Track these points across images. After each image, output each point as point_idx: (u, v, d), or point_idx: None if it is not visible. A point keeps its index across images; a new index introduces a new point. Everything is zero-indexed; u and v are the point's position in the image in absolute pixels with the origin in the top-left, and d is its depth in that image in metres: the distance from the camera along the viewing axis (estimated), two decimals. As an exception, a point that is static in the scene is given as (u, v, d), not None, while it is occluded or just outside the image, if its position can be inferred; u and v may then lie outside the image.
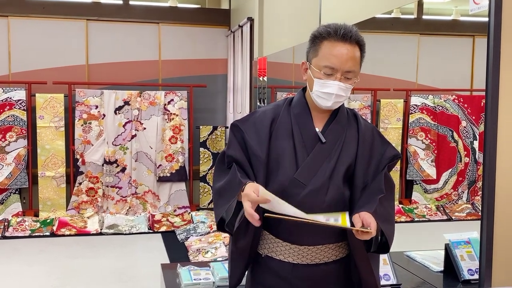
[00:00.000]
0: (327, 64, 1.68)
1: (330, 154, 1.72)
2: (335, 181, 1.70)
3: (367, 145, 1.76)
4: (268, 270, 1.78)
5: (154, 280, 3.97)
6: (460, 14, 5.49)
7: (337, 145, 1.74)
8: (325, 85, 1.69)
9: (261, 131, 1.74)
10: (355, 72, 1.71)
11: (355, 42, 1.70)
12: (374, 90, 5.81)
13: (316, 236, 1.72)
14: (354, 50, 1.69)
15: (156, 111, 6.25)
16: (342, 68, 1.68)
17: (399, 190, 5.66)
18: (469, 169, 5.37)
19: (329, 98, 1.70)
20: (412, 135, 5.58)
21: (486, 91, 2.08)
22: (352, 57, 1.68)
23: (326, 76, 1.69)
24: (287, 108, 1.79)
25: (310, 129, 1.75)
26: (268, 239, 1.78)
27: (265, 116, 1.78)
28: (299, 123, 1.76)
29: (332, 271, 1.76)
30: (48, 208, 5.99)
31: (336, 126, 1.76)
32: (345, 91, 1.70)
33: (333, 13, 3.58)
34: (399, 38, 5.75)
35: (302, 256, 1.74)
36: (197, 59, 6.67)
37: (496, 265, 2.11)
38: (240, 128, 1.77)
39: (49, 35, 6.25)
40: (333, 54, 1.68)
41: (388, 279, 2.29)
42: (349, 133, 1.77)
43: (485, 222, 2.10)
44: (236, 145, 1.76)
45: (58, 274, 4.48)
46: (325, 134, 1.75)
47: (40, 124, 5.95)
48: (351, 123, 1.79)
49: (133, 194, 6.24)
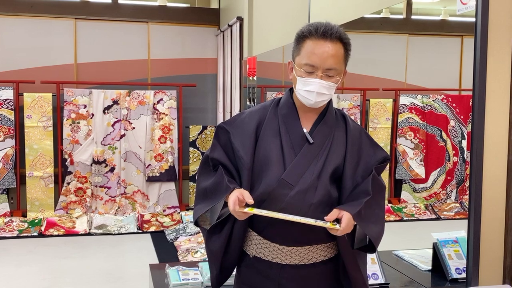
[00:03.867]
0: (308, 62, 1.69)
1: (318, 155, 1.72)
2: (323, 182, 1.69)
3: (356, 146, 1.76)
4: (256, 271, 1.78)
5: (143, 281, 3.96)
6: (449, 14, 5.52)
7: (325, 145, 1.73)
8: (307, 83, 1.69)
9: (247, 132, 1.74)
10: (337, 70, 1.70)
11: (337, 40, 1.69)
12: (363, 90, 5.83)
13: (304, 237, 1.72)
14: (335, 47, 1.69)
15: (145, 111, 6.22)
16: (323, 65, 1.68)
17: (388, 189, 5.68)
18: (458, 168, 5.40)
19: (310, 96, 1.70)
20: (401, 135, 5.60)
21: (473, 90, 2.09)
22: (333, 54, 1.68)
23: (308, 74, 1.70)
24: (274, 109, 1.79)
25: (297, 130, 1.75)
26: (256, 240, 1.77)
27: (251, 117, 1.78)
28: (287, 124, 1.75)
29: (321, 272, 1.76)
30: (36, 208, 5.94)
31: (324, 127, 1.75)
32: (328, 89, 1.70)
33: (323, 13, 3.58)
34: (388, 38, 5.77)
35: (290, 257, 1.73)
36: (186, 59, 6.65)
37: (483, 263, 2.13)
38: (227, 129, 1.77)
39: (37, 34, 6.20)
40: (314, 52, 1.68)
41: (377, 278, 2.30)
42: (337, 134, 1.76)
43: (472, 222, 2.12)
44: (220, 148, 1.76)
45: (46, 275, 4.44)
46: (313, 134, 1.74)
47: (28, 124, 5.91)
48: (339, 124, 1.79)
49: (122, 194, 6.21)
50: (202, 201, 1.77)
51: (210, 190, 1.73)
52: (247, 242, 1.80)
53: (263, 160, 1.72)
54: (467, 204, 4.67)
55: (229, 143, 1.76)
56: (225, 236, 1.76)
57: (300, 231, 1.69)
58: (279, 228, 1.71)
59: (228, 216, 1.75)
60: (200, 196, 1.79)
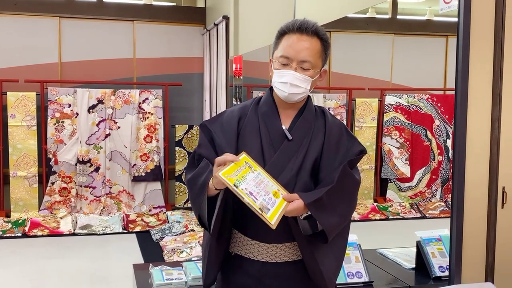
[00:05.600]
0: (283, 54, 1.72)
1: (297, 151, 1.73)
2: (302, 177, 1.71)
3: (334, 140, 1.77)
4: (238, 269, 1.79)
5: (127, 281, 3.93)
6: (434, 14, 5.57)
7: (304, 141, 1.75)
8: (281, 74, 1.72)
9: (229, 130, 1.76)
10: (311, 63, 1.72)
11: (313, 34, 1.73)
12: (349, 90, 5.85)
13: (284, 234, 1.72)
14: (310, 41, 1.72)
15: (130, 110, 6.18)
16: (297, 57, 1.71)
17: (374, 188, 5.72)
18: (443, 167, 5.45)
19: (284, 87, 1.72)
20: (387, 134, 5.63)
21: (455, 89, 2.11)
22: (308, 47, 1.71)
23: (283, 66, 1.73)
24: (254, 107, 1.81)
25: (277, 127, 1.76)
26: (238, 237, 1.78)
27: (232, 115, 1.79)
28: (266, 122, 1.77)
29: (301, 269, 1.76)
30: (20, 209, 5.88)
31: (302, 123, 1.77)
32: (302, 82, 1.71)
33: (307, 12, 3.59)
34: (374, 38, 5.80)
35: (271, 255, 1.75)
36: (172, 58, 6.62)
37: (465, 262, 2.14)
38: (209, 128, 1.78)
39: (21, 33, 6.14)
40: (289, 45, 1.72)
41: (360, 277, 2.30)
42: (316, 129, 1.77)
43: (455, 220, 2.13)
44: (206, 144, 1.77)
45: (30, 276, 4.39)
46: (292, 131, 1.75)
47: (12, 123, 5.84)
48: (319, 119, 1.80)
49: (107, 194, 6.17)
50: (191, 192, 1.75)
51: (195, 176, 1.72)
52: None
53: None
54: (452, 203, 4.69)
55: (212, 141, 1.77)
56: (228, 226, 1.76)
57: (281, 229, 1.68)
58: (260, 226, 1.70)
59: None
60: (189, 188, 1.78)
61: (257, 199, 1.55)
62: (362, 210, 5.51)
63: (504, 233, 2.21)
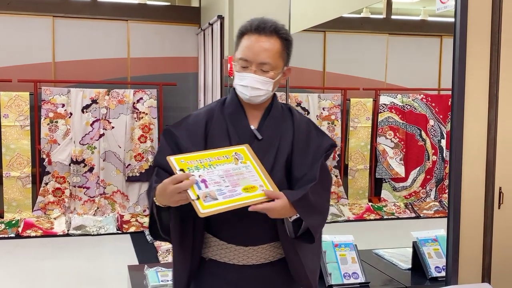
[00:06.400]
0: (242, 56, 1.68)
1: (268, 151, 1.70)
2: (276, 176, 1.66)
3: (303, 136, 1.75)
4: (213, 275, 1.73)
5: (121, 282, 3.91)
6: (428, 15, 5.58)
7: (274, 140, 1.72)
8: (241, 77, 1.69)
9: (196, 134, 1.71)
10: (271, 65, 1.68)
11: (272, 34, 1.68)
12: (344, 90, 5.85)
13: (261, 236, 1.70)
14: (270, 42, 1.67)
15: (124, 110, 6.16)
16: (256, 60, 1.66)
17: (369, 188, 5.73)
18: (437, 167, 5.46)
19: (245, 90, 1.68)
20: (381, 134, 5.64)
21: (452, 90, 2.10)
22: (266, 48, 1.66)
23: (243, 69, 1.69)
24: (220, 109, 1.76)
25: (245, 128, 1.73)
26: (211, 241, 1.73)
27: (198, 119, 1.74)
28: (234, 123, 1.73)
29: (279, 270, 1.73)
30: (13, 209, 5.84)
31: (271, 121, 1.74)
32: (262, 84, 1.68)
33: (302, 11, 3.58)
34: (368, 38, 5.81)
35: (247, 257, 1.70)
36: (167, 57, 6.59)
37: (462, 262, 2.14)
38: (174, 132, 1.72)
39: (14, 32, 6.09)
40: (247, 47, 1.67)
41: (357, 278, 2.30)
42: (285, 127, 1.75)
43: (451, 221, 2.13)
44: (167, 151, 1.67)
45: (23, 277, 4.37)
46: (261, 131, 1.73)
47: (5, 123, 5.80)
48: (286, 117, 1.77)
49: (101, 194, 6.14)
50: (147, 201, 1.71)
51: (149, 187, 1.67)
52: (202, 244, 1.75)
53: None
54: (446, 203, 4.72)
55: (176, 146, 1.70)
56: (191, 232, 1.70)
57: (256, 230, 1.67)
58: (235, 228, 1.68)
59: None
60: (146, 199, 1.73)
61: (207, 187, 1.51)
62: (357, 210, 5.52)
63: (500, 233, 2.22)
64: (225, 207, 1.50)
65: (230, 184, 1.54)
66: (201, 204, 1.47)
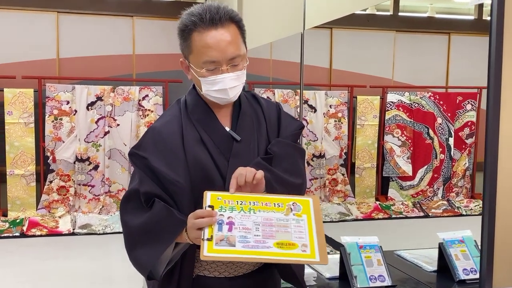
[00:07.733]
0: (206, 59, 1.50)
1: (249, 151, 1.59)
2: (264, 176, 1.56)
3: (273, 121, 1.67)
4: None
5: (128, 281, 3.89)
6: (436, 12, 5.53)
7: (252, 138, 1.61)
8: (214, 82, 1.52)
9: (171, 150, 1.53)
10: (240, 56, 1.52)
11: (228, 22, 1.50)
12: (351, 87, 5.81)
13: None
14: (230, 31, 1.50)
15: (130, 107, 6.10)
16: (225, 57, 1.49)
17: (376, 187, 5.69)
18: (444, 165, 5.42)
19: (223, 94, 1.53)
20: (389, 132, 5.60)
21: (488, 89, 2.04)
22: (232, 41, 1.49)
23: (211, 72, 1.52)
24: (186, 116, 1.59)
25: (220, 132, 1.59)
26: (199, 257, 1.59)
27: (166, 131, 1.56)
28: (206, 129, 1.58)
29: (269, 276, 1.69)
30: (17, 208, 5.79)
31: (244, 118, 1.62)
32: (238, 80, 1.53)
33: (317, 7, 3.53)
34: (375, 35, 5.76)
35: (238, 268, 1.62)
36: (172, 54, 6.54)
37: (497, 265, 2.08)
38: (142, 155, 1.54)
39: (18, 28, 6.06)
40: (208, 46, 1.48)
41: (383, 280, 2.23)
42: (256, 119, 1.65)
43: (486, 221, 2.06)
44: (147, 178, 1.52)
45: (28, 277, 4.34)
46: (237, 131, 1.59)
47: (9, 120, 5.75)
48: (255, 107, 1.67)
49: (106, 193, 6.10)
50: (145, 243, 1.52)
51: (153, 229, 1.49)
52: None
53: (200, 174, 1.53)
54: (455, 202, 4.66)
55: (149, 170, 1.52)
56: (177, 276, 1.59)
57: None
58: None
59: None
60: (138, 236, 1.53)
61: (230, 231, 1.36)
62: (365, 209, 5.49)
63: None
64: (238, 257, 1.35)
65: (262, 234, 1.37)
66: (209, 246, 1.33)
